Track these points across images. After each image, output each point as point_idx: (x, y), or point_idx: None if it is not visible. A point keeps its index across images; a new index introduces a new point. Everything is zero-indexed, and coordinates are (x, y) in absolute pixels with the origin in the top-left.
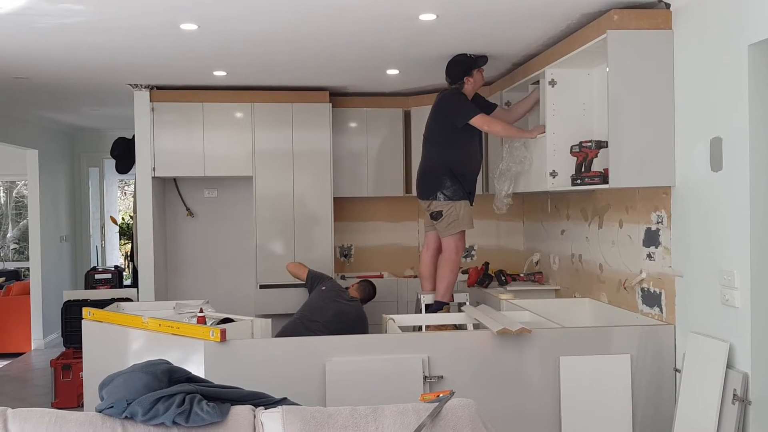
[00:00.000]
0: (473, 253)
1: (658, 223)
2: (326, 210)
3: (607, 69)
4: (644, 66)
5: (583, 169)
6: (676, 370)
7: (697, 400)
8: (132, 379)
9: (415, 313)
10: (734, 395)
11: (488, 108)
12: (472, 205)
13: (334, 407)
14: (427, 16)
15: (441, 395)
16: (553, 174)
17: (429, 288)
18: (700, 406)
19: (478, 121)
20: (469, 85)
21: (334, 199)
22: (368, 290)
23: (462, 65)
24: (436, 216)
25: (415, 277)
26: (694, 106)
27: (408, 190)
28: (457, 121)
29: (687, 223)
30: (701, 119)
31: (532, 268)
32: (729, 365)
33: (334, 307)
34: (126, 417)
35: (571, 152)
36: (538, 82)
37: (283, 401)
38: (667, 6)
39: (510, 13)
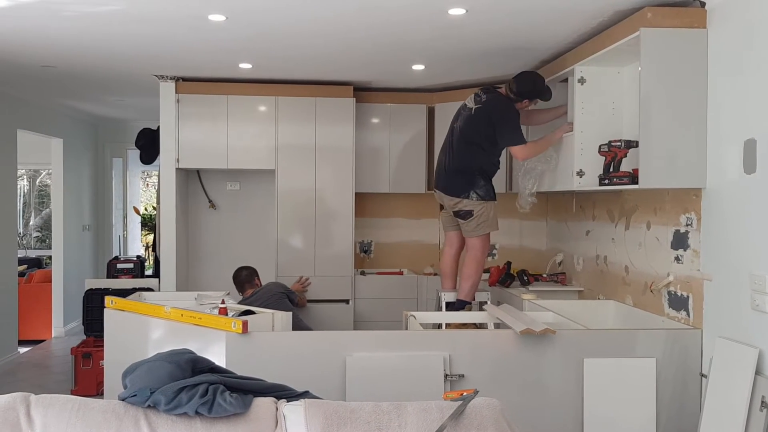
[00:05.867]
0: (495, 252)
1: (687, 225)
2: (347, 205)
3: (639, 67)
4: (677, 65)
5: (611, 169)
6: (703, 376)
7: (723, 407)
8: (156, 367)
9: (436, 310)
10: (762, 402)
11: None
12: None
13: (357, 402)
14: (457, 11)
15: (465, 393)
16: (580, 173)
17: (449, 286)
18: (726, 413)
19: (518, 151)
20: (521, 105)
21: (355, 194)
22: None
23: (536, 88)
24: (464, 215)
25: (435, 274)
26: (728, 107)
27: (430, 187)
28: (500, 141)
29: (717, 226)
30: (735, 120)
31: (555, 268)
32: (758, 372)
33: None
34: (149, 406)
35: (599, 151)
36: (566, 80)
37: (306, 394)
38: (702, 4)
39: (541, 8)
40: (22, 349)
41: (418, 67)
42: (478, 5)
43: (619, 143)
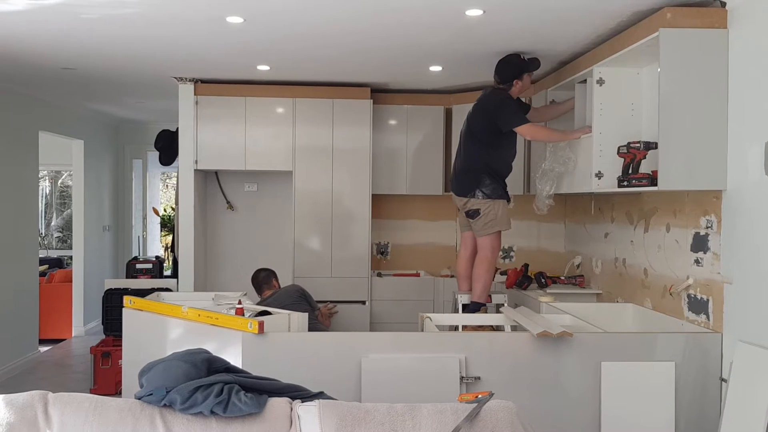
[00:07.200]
0: (512, 254)
1: (707, 227)
2: (364, 207)
3: (659, 68)
4: (697, 65)
5: (630, 171)
6: (723, 380)
7: (744, 412)
8: (172, 367)
9: (452, 312)
10: None
11: (523, 108)
12: (509, 202)
13: (372, 404)
14: (474, 12)
15: (480, 396)
16: (599, 175)
17: (466, 288)
18: (746, 418)
19: (524, 130)
20: (517, 88)
21: (372, 196)
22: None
23: (514, 67)
24: (472, 214)
25: (452, 276)
26: (749, 108)
27: (447, 188)
28: (502, 126)
29: (738, 228)
30: (756, 121)
31: (573, 271)
32: None
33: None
34: (165, 405)
35: (618, 153)
36: (585, 81)
37: (320, 395)
38: (723, 4)
39: (559, 9)
40: (43, 348)
41: (436, 68)
42: (495, 6)
43: (638, 145)
